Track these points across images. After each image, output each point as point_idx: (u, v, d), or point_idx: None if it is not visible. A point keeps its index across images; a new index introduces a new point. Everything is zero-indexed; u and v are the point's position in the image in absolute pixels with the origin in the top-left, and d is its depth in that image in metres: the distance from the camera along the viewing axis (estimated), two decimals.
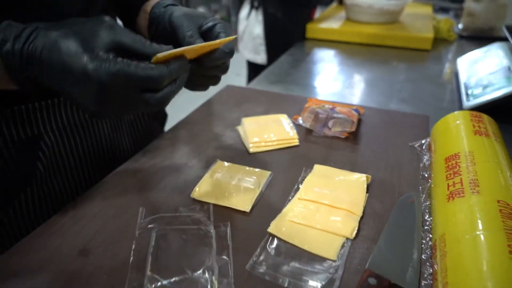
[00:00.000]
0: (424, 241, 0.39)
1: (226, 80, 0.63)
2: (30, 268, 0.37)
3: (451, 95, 0.82)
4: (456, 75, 0.90)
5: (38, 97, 0.47)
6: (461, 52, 0.98)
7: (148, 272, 0.34)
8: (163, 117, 0.72)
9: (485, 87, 0.75)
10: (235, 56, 0.44)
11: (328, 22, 1.24)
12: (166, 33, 0.44)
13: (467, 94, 0.77)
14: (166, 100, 0.36)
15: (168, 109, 0.70)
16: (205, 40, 0.42)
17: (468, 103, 0.73)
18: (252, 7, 1.43)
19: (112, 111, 0.34)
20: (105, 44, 0.33)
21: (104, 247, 0.39)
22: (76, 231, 0.42)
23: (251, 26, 1.44)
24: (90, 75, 0.31)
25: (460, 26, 1.27)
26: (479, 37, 1.18)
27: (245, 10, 1.49)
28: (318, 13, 1.44)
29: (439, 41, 1.17)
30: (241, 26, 1.51)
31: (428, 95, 0.81)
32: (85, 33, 0.33)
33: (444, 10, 1.63)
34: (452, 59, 1.02)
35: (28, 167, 0.48)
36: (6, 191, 0.48)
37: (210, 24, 0.42)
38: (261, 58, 1.44)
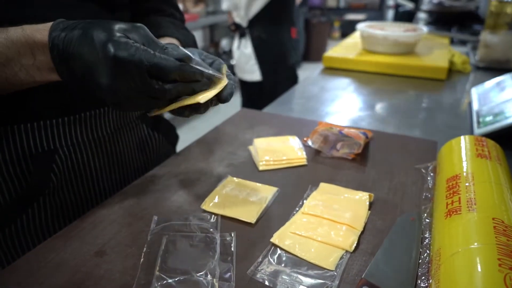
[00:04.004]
0: (422, 257, 0.40)
1: None
2: (49, 267, 0.40)
3: (464, 123, 0.83)
4: (469, 104, 0.91)
5: (55, 114, 0.51)
6: (477, 83, 0.99)
7: (157, 272, 0.37)
8: (175, 137, 0.76)
9: (496, 115, 0.75)
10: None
11: (344, 52, 1.29)
12: None
13: (478, 122, 0.78)
14: (170, 92, 0.38)
15: (181, 130, 0.75)
16: None
17: (478, 130, 0.74)
18: (240, 37, 1.82)
19: (123, 90, 0.36)
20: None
21: (118, 250, 0.42)
22: (94, 235, 0.45)
23: (243, 51, 1.83)
24: (108, 48, 0.35)
25: (477, 57, 1.29)
26: (495, 69, 1.20)
27: (235, 43, 1.90)
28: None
29: (455, 72, 1.19)
30: (236, 55, 1.90)
31: (441, 123, 0.83)
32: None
33: (462, 42, 1.65)
34: (467, 90, 1.04)
35: (42, 178, 0.52)
36: (20, 200, 0.51)
37: (209, 61, 0.46)
38: (256, 75, 1.81)
